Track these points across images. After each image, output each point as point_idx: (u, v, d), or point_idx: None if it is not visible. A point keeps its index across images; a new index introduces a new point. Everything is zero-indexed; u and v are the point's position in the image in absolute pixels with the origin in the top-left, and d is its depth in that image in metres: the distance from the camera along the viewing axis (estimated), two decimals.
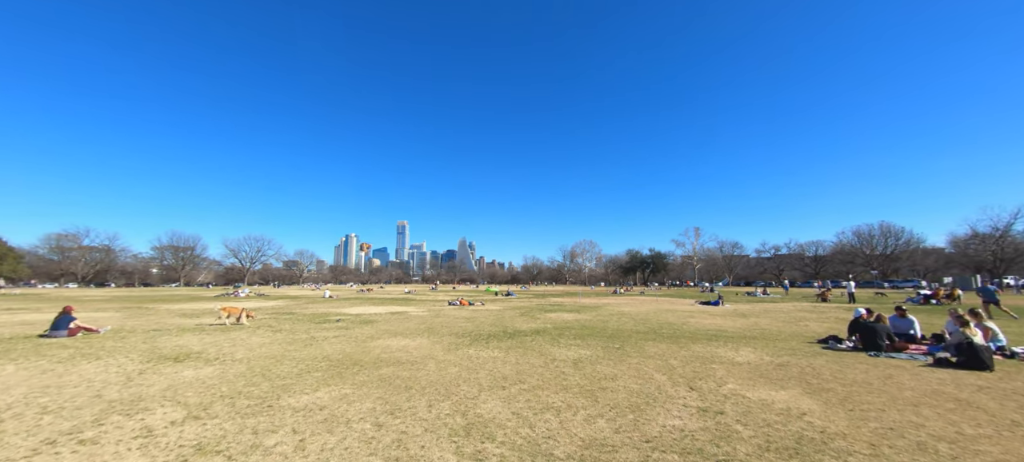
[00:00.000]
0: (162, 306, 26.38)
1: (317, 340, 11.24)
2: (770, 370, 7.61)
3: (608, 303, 30.25)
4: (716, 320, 17.21)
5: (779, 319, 17.49)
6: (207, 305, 27.91)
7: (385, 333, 12.78)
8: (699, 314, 20.12)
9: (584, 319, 17.58)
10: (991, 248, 71.86)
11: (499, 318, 18.08)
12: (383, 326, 14.81)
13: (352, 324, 15.51)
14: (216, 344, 10.51)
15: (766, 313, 20.64)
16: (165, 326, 14.78)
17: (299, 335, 12.28)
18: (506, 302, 32.13)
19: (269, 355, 9.00)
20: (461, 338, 11.66)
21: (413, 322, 16.34)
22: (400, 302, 31.48)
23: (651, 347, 10.08)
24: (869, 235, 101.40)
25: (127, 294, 49.09)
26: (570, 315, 19.63)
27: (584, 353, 9.24)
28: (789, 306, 25.98)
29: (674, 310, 22.84)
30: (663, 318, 18.02)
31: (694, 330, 13.71)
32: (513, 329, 13.86)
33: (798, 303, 29.20)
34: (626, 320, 17.12)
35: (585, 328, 14.19)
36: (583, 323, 15.92)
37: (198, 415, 4.99)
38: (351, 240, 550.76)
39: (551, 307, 25.39)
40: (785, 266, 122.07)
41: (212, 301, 33.80)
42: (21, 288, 77.48)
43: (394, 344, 10.57)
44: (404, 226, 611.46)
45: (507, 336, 12.09)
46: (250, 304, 30.22)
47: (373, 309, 23.70)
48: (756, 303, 29.59)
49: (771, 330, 13.78)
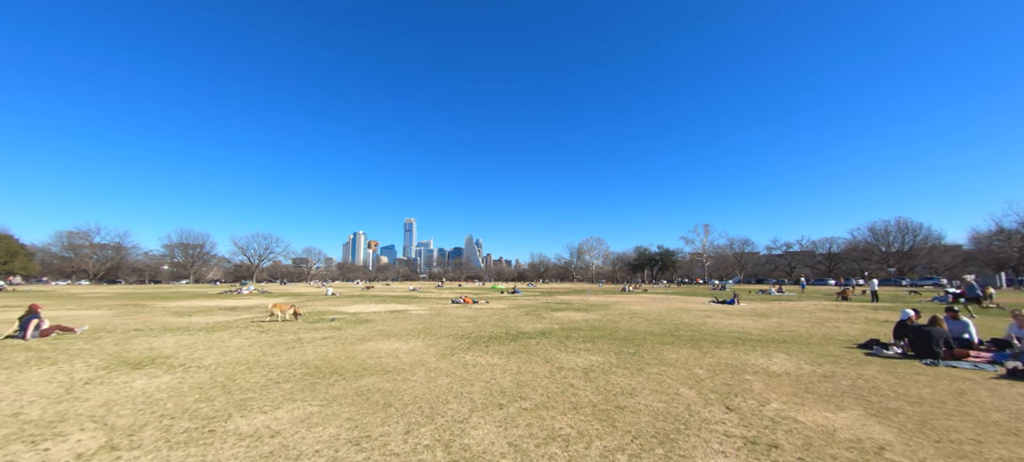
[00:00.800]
0: (160, 303, 25.78)
1: (302, 342, 10.30)
2: (816, 383, 6.48)
3: (618, 301, 29.09)
4: (735, 320, 16.01)
5: (804, 320, 16.23)
6: (208, 302, 27.28)
7: (378, 334, 11.82)
8: (716, 314, 18.92)
9: (593, 319, 16.50)
10: (1017, 245, 69.03)
11: (502, 318, 17.06)
12: (378, 326, 13.86)
13: (346, 324, 14.59)
14: (191, 346, 9.62)
15: (787, 313, 19.36)
16: (150, 325, 13.98)
17: (285, 336, 11.36)
18: (512, 300, 31.11)
19: (242, 360, 8.06)
20: (459, 341, 10.65)
21: (411, 322, 15.38)
22: (402, 300, 30.62)
23: (670, 353, 8.97)
24: (885, 231, 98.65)
25: (131, 291, 48.93)
26: (578, 314, 18.55)
27: (595, 360, 8.17)
28: (809, 305, 24.62)
29: (688, 309, 21.64)
30: (678, 318, 16.86)
31: (715, 332, 12.56)
32: (517, 330, 12.82)
33: (818, 302, 27.79)
34: (639, 320, 16.00)
35: (595, 329, 13.11)
36: (593, 323, 14.83)
37: (117, 444, 4.01)
38: (359, 237, 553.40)
39: (558, 306, 24.32)
40: (797, 263, 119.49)
41: (215, 298, 33.24)
42: (35, 285, 78.26)
43: (384, 347, 9.59)
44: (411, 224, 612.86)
45: (510, 338, 11.05)
46: (257, 302, 29.57)
47: (373, 307, 22.83)
48: (773, 302, 28.23)
49: (800, 332, 12.57)
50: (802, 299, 31.41)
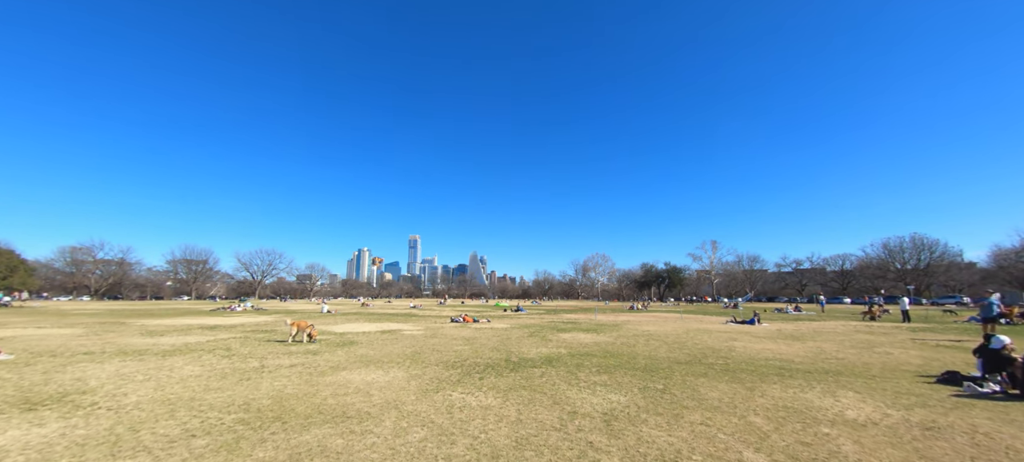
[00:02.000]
0: (142, 321, 24.27)
1: (264, 371, 8.67)
2: (922, 441, 4.75)
3: (628, 321, 27.21)
4: (766, 344, 14.19)
5: (844, 344, 14.37)
6: (193, 320, 25.75)
7: (357, 361, 10.16)
8: (740, 336, 17.07)
9: (605, 341, 14.74)
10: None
11: (504, 339, 15.34)
12: (361, 350, 12.20)
13: (327, 346, 12.95)
14: (128, 377, 8.02)
15: (819, 335, 17.47)
16: (105, 347, 12.41)
17: (247, 363, 9.73)
18: (515, 319, 29.31)
19: (171, 399, 6.45)
20: (450, 370, 8.97)
21: (401, 344, 13.71)
22: (399, 318, 28.92)
23: (708, 389, 7.25)
24: (899, 248, 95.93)
25: (124, 307, 47.57)
26: (588, 336, 16.79)
27: (616, 400, 6.47)
28: (836, 326, 22.65)
29: (707, 330, 19.78)
30: (700, 341, 15.06)
31: (750, 359, 10.78)
32: (519, 356, 11.11)
33: (844, 322, 25.78)
34: (656, 344, 14.21)
35: (609, 355, 11.37)
36: (606, 347, 13.08)
37: None
38: (363, 254, 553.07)
39: (565, 325, 22.53)
40: (808, 281, 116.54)
41: (205, 315, 31.73)
42: (36, 301, 77.15)
43: (358, 379, 7.93)
44: (416, 240, 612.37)
45: (510, 367, 9.36)
46: (247, 319, 28.02)
47: (364, 327, 21.16)
48: (795, 322, 26.24)
49: (850, 361, 10.76)
50: (824, 319, 29.37)
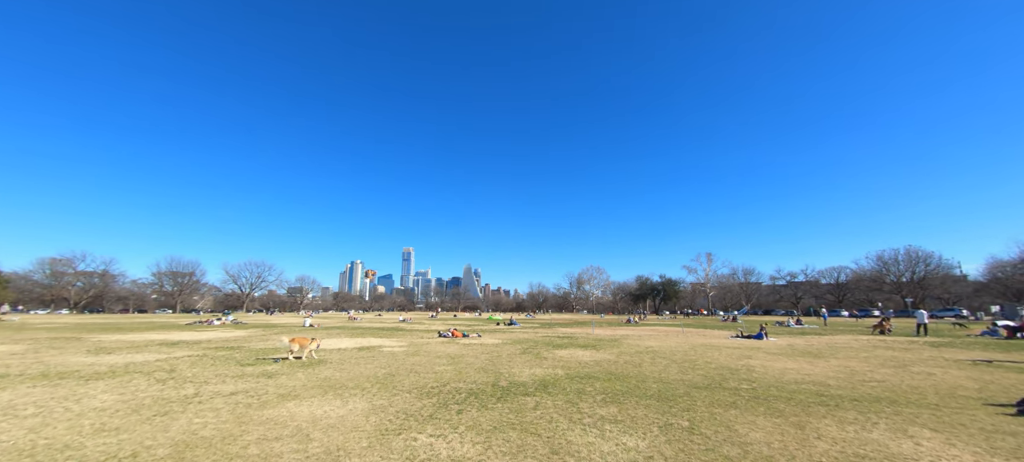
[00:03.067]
0: (100, 336, 22.28)
1: (189, 402, 7.05)
2: None
3: (627, 335, 25.68)
4: (785, 362, 12.74)
5: (871, 361, 12.96)
6: (161, 335, 23.79)
7: (316, 386, 8.55)
8: (754, 352, 15.61)
9: (607, 360, 13.21)
10: None
11: (493, 357, 13.75)
12: (327, 371, 10.57)
13: (288, 367, 11.29)
14: (11, 409, 6.37)
15: (836, 350, 16.07)
16: (28, 369, 10.65)
17: (180, 389, 8.08)
18: (508, 333, 27.64)
19: (38, 445, 4.82)
20: (424, 399, 7.40)
21: (376, 363, 12.08)
22: (384, 333, 27.14)
23: (745, 425, 5.74)
24: (894, 260, 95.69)
25: (95, 321, 45.11)
26: (586, 353, 15.24)
27: (634, 446, 4.94)
28: (849, 340, 21.30)
29: (713, 345, 18.32)
30: (710, 358, 13.57)
31: (777, 382, 9.31)
32: (509, 379, 9.54)
33: (854, 336, 24.44)
34: (664, 362, 12.71)
35: (614, 377, 9.85)
36: (608, 367, 11.55)
37: None
38: (356, 267, 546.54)
39: (561, 341, 20.95)
40: (803, 294, 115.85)
41: (177, 330, 29.70)
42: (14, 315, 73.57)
43: (305, 413, 6.34)
44: (410, 253, 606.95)
45: (497, 395, 7.81)
46: (220, 334, 26.12)
47: (343, 342, 19.43)
48: (801, 336, 24.86)
49: (894, 384, 9.32)
50: (831, 332, 28.02)
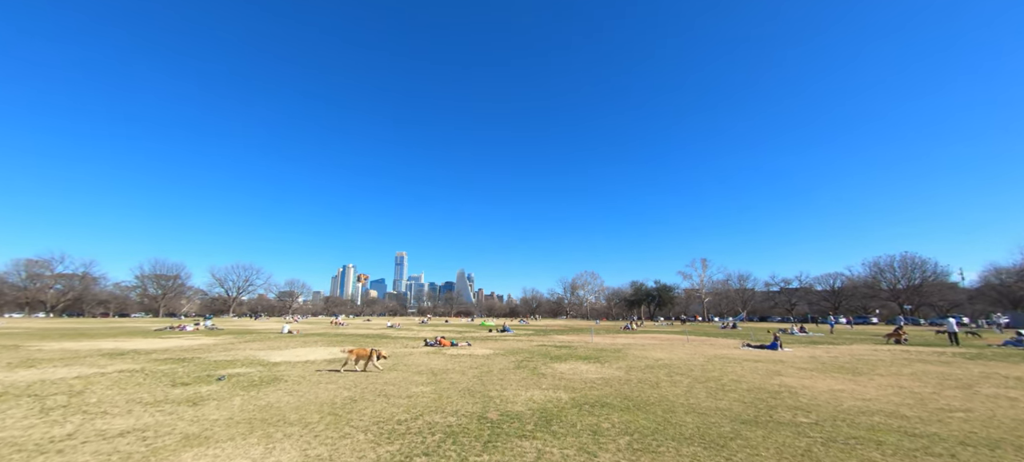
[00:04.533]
0: (48, 343, 19.96)
1: (56, 445, 5.04)
2: None
3: (629, 344, 23.81)
4: (827, 381, 10.91)
5: (923, 379, 11.18)
6: (119, 343, 21.49)
7: (243, 422, 6.55)
8: (777, 366, 13.78)
9: (615, 376, 11.31)
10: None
11: (483, 373, 11.79)
12: (273, 395, 8.55)
13: (231, 388, 9.26)
14: None
15: (869, 364, 14.31)
16: None
17: (63, 424, 6.04)
18: (500, 341, 25.63)
19: None
20: (381, 446, 5.44)
21: (340, 382, 10.07)
22: (368, 341, 25.00)
23: None
24: (889, 267, 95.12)
25: (60, 326, 42.36)
26: (590, 367, 13.33)
27: None
28: (869, 351, 19.61)
29: (727, 357, 16.50)
30: (734, 375, 11.72)
31: (841, 414, 7.44)
32: (500, 408, 7.58)
33: (873, 347, 22.76)
34: (684, 380, 10.82)
35: (632, 404, 7.93)
36: (620, 387, 9.64)
37: None
38: (348, 271, 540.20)
39: (559, 351, 19.02)
40: (797, 300, 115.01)
41: (143, 337, 27.32)
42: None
43: None
44: (403, 257, 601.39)
45: (483, 436, 5.85)
46: (188, 342, 23.87)
47: (314, 353, 17.34)
48: (812, 346, 23.14)
49: (983, 414, 7.48)
50: (843, 341, 26.34)
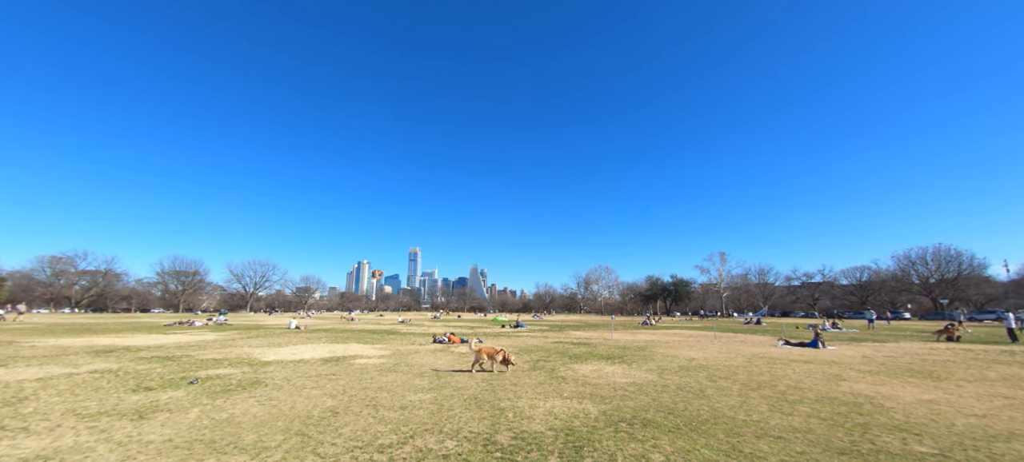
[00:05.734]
0: (45, 340, 19.23)
1: None
2: None
3: (652, 341, 22.07)
4: (909, 389, 9.09)
5: (1014, 385, 9.28)
6: (120, 339, 20.72)
7: (182, 443, 5.15)
8: (834, 368, 11.95)
9: (649, 381, 9.68)
10: None
11: (493, 377, 10.30)
12: (244, 403, 7.19)
13: (205, 392, 7.94)
14: None
15: (937, 367, 12.36)
16: None
17: None
18: (513, 337, 24.16)
19: None
20: None
21: (328, 388, 8.70)
22: (373, 338, 23.80)
23: None
24: (921, 259, 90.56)
25: (76, 322, 42.45)
26: (615, 368, 11.72)
27: None
28: (923, 350, 17.52)
29: (768, 356, 14.69)
30: (789, 379, 9.98)
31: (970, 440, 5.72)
32: (513, 427, 6.03)
33: (924, 344, 20.55)
34: (732, 387, 9.14)
35: (681, 421, 6.30)
36: (658, 396, 8.01)
37: None
38: (363, 267, 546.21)
39: (578, 349, 17.44)
40: (820, 295, 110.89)
41: (150, 332, 26.71)
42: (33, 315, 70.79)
43: None
44: (416, 253, 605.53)
45: None
46: (192, 338, 23.09)
47: (311, 351, 16.10)
48: (856, 343, 21.05)
49: None
50: (885, 338, 24.08)
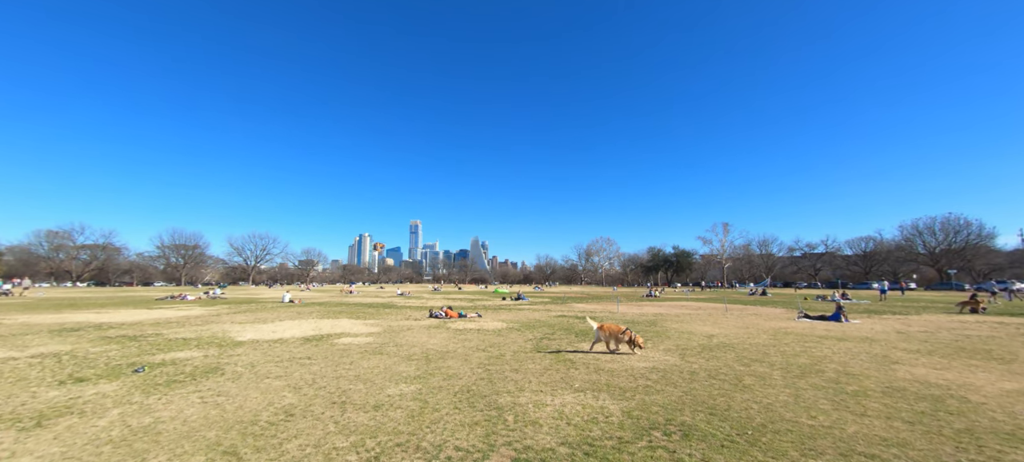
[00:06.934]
0: (20, 317, 18.09)
1: None
2: None
3: (661, 314, 20.88)
4: (979, 374, 7.72)
5: None
6: (98, 315, 19.58)
7: None
8: (874, 346, 10.64)
9: (671, 366, 8.35)
10: None
11: (490, 361, 8.99)
12: (181, 401, 5.84)
13: (144, 385, 6.61)
14: None
15: (994, 346, 11.06)
16: None
17: None
18: (515, 311, 22.99)
19: None
20: None
21: (296, 376, 7.39)
22: (365, 312, 22.64)
23: None
24: (929, 229, 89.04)
25: (66, 296, 41.55)
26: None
27: None
28: (956, 323, 16.27)
29: (795, 332, 13.42)
30: (836, 362, 8.66)
31: None
32: (516, 438, 4.61)
33: (950, 317, 19.32)
34: (773, 373, 7.79)
35: (730, 426, 4.89)
36: (688, 387, 6.63)
37: None
38: (364, 240, 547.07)
39: (584, 326, 16.19)
40: (822, 265, 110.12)
41: (132, 308, 25.64)
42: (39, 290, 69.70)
43: None
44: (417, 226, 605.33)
45: None
46: (178, 313, 21.96)
47: (297, 328, 14.87)
48: (879, 316, 19.83)
49: None
50: (905, 310, 22.86)
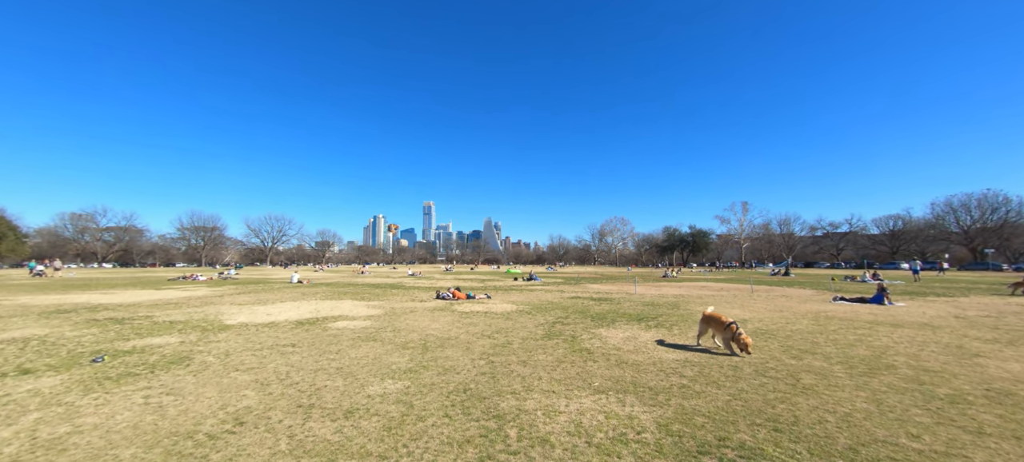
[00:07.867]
0: (21, 298, 17.81)
1: None
2: None
3: (681, 296, 19.58)
4: None
5: None
6: (89, 296, 19.26)
7: None
8: (939, 333, 9.24)
9: (708, 361, 7.17)
10: None
11: (495, 351, 7.91)
12: (121, 402, 4.88)
13: (93, 379, 5.72)
14: None
15: None
16: None
17: None
18: (526, 292, 21.96)
19: None
20: None
21: (270, 368, 6.43)
22: (370, 293, 21.88)
23: None
24: (965, 206, 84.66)
25: (82, 277, 42.15)
26: (652, 334, 9.22)
27: None
28: (1014, 306, 14.60)
29: (839, 317, 12.04)
30: (900, 352, 7.33)
31: None
32: None
33: (1002, 299, 17.59)
34: (836, 370, 6.51)
35: (804, 452, 3.71)
36: (735, 389, 5.41)
37: None
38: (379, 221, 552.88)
39: (600, 307, 15.02)
40: (845, 244, 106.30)
41: (140, 288, 25.46)
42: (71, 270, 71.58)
43: None
44: (430, 207, 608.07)
45: None
46: (183, 293, 21.59)
47: (294, 311, 14.06)
48: (922, 299, 18.18)
49: None
50: (948, 292, 21.04)
